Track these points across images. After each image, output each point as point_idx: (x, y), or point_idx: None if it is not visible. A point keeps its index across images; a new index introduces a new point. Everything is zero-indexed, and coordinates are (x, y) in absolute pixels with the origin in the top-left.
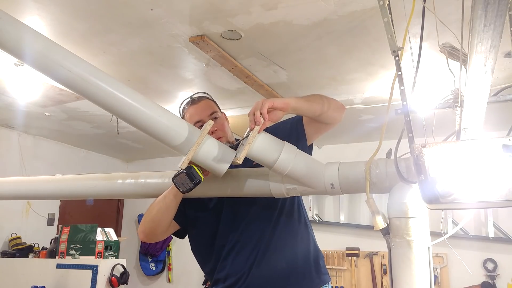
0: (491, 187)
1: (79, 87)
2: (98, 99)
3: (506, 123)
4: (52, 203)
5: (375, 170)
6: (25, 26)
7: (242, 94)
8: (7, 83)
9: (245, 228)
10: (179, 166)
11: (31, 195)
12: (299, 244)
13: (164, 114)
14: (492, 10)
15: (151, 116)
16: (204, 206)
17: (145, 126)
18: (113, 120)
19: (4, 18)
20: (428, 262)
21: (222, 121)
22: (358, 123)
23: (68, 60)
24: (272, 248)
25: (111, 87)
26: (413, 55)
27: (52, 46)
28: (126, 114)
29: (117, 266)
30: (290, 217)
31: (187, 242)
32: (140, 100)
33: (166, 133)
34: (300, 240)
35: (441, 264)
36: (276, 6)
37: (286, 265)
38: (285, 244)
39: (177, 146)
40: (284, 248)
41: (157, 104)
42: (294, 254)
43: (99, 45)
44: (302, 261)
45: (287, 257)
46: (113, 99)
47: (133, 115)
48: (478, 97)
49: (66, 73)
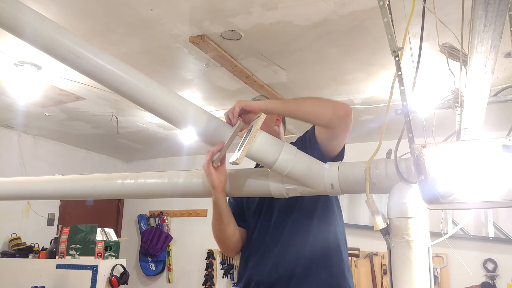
0: (491, 187)
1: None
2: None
3: (506, 123)
4: (52, 203)
5: (375, 170)
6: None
7: (242, 94)
8: (7, 83)
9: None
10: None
11: (31, 195)
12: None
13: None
14: (492, 10)
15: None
16: (248, 210)
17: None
18: (113, 120)
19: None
20: (428, 262)
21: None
22: (358, 123)
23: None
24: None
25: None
26: (413, 55)
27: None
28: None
29: (117, 266)
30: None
31: (187, 242)
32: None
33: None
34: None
35: (441, 265)
36: (276, 6)
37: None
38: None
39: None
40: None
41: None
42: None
43: (99, 45)
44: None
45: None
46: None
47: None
48: (478, 97)
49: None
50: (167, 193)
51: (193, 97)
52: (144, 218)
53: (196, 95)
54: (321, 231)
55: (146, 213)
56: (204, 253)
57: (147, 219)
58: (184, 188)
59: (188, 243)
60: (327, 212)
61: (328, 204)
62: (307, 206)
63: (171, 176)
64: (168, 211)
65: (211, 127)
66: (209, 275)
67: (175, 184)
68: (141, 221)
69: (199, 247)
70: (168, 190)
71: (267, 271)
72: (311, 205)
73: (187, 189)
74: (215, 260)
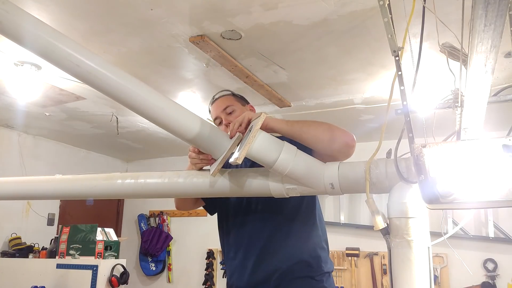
0: (491, 187)
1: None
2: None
3: (506, 123)
4: (52, 203)
5: (375, 170)
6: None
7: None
8: (7, 83)
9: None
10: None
11: (31, 195)
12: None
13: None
14: (492, 10)
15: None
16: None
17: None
18: (113, 120)
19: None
20: (428, 262)
21: (237, 113)
22: (358, 123)
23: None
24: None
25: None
26: (413, 55)
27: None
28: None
29: (117, 266)
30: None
31: (187, 242)
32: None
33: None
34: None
35: (441, 264)
36: (276, 6)
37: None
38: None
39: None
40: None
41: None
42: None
43: (99, 45)
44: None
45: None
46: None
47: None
48: (478, 97)
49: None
50: (167, 193)
51: (193, 97)
52: (144, 218)
53: (196, 95)
54: (302, 235)
55: (146, 213)
56: (204, 253)
57: (147, 219)
58: (184, 188)
59: (188, 243)
60: (309, 216)
61: (309, 208)
62: (290, 210)
63: (171, 176)
64: (168, 211)
65: (209, 136)
66: (209, 275)
67: (175, 184)
68: (141, 221)
69: (199, 247)
70: (168, 190)
71: (246, 277)
72: (293, 208)
73: (187, 189)
74: (215, 260)
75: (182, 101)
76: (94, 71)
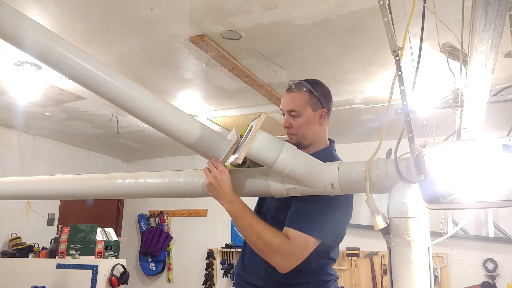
0: (491, 187)
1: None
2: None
3: (506, 123)
4: (52, 203)
5: (375, 170)
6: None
7: (242, 94)
8: (7, 83)
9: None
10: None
11: (31, 195)
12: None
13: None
14: (492, 10)
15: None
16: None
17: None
18: (113, 120)
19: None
20: (428, 262)
21: (301, 120)
22: (358, 123)
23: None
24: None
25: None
26: (413, 55)
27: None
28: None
29: (117, 266)
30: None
31: (187, 242)
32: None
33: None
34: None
35: (441, 264)
36: (276, 6)
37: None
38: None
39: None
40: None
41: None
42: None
43: (99, 45)
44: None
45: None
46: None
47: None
48: (478, 97)
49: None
50: (167, 193)
51: (193, 97)
52: (144, 218)
53: (196, 94)
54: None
55: (146, 213)
56: (204, 252)
57: (147, 219)
58: (184, 188)
59: (188, 243)
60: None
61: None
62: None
63: (171, 176)
64: (168, 211)
65: (210, 140)
66: (209, 275)
67: (175, 184)
68: (141, 220)
69: (199, 247)
70: (168, 190)
71: (242, 273)
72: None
73: (187, 189)
74: (215, 260)
75: (182, 101)
76: (92, 73)
